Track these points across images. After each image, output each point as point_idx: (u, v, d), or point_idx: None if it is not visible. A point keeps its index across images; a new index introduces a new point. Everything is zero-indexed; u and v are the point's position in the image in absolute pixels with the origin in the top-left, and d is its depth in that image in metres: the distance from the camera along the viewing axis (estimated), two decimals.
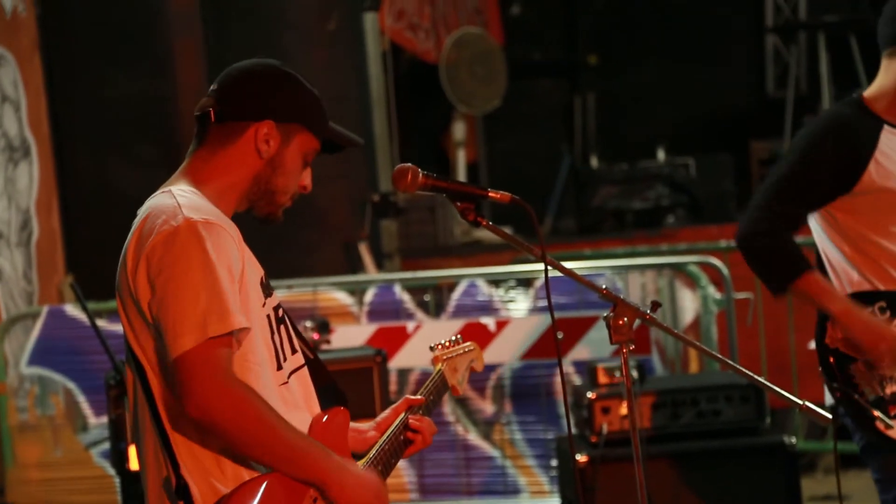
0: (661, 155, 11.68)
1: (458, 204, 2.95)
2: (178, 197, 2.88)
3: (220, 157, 2.98)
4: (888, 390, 3.66)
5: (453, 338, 3.51)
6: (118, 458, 5.21)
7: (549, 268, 2.97)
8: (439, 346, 3.45)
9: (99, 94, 7.94)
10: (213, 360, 2.73)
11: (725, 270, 6.54)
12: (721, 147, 11.80)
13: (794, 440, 5.12)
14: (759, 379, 2.96)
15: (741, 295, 6.58)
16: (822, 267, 3.85)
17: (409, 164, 2.95)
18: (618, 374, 5.25)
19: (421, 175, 2.94)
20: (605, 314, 2.91)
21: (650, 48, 12.85)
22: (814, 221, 3.84)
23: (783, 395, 2.90)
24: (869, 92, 3.86)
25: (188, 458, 2.84)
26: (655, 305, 2.90)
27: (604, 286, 2.97)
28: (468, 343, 3.54)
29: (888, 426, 3.62)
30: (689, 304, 6.81)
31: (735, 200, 11.08)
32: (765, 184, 3.88)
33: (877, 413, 3.62)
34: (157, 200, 2.91)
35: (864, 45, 9.01)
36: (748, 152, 11.55)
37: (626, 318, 2.87)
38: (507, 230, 3.11)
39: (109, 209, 7.06)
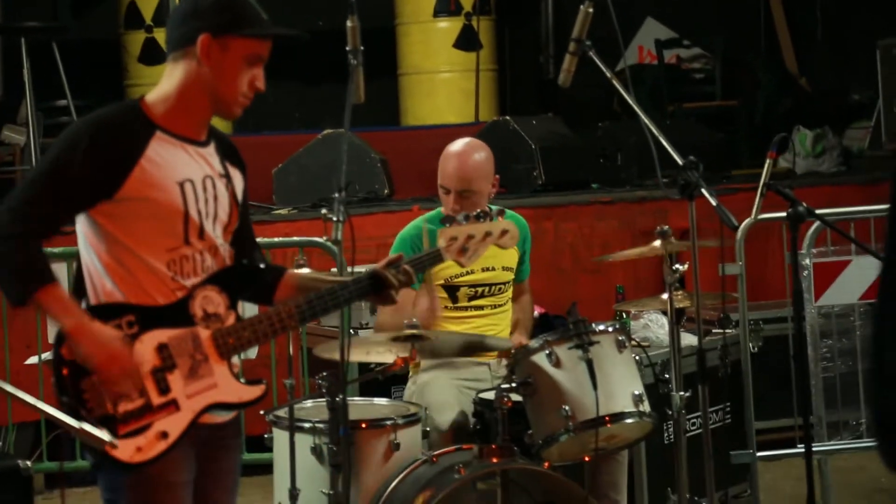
0: None
1: None
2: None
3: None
4: (121, 408, 3.58)
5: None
6: None
7: None
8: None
9: None
10: None
11: None
12: None
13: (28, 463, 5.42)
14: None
15: None
16: (80, 273, 3.73)
17: None
18: None
19: None
20: None
21: None
22: (78, 225, 3.72)
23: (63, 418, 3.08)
24: (150, 97, 3.77)
25: None
26: None
27: None
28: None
29: (114, 446, 3.51)
30: None
31: None
32: (21, 184, 3.75)
33: (103, 431, 3.48)
34: None
35: (63, 52, 8.82)
36: None
37: None
38: None
39: None
